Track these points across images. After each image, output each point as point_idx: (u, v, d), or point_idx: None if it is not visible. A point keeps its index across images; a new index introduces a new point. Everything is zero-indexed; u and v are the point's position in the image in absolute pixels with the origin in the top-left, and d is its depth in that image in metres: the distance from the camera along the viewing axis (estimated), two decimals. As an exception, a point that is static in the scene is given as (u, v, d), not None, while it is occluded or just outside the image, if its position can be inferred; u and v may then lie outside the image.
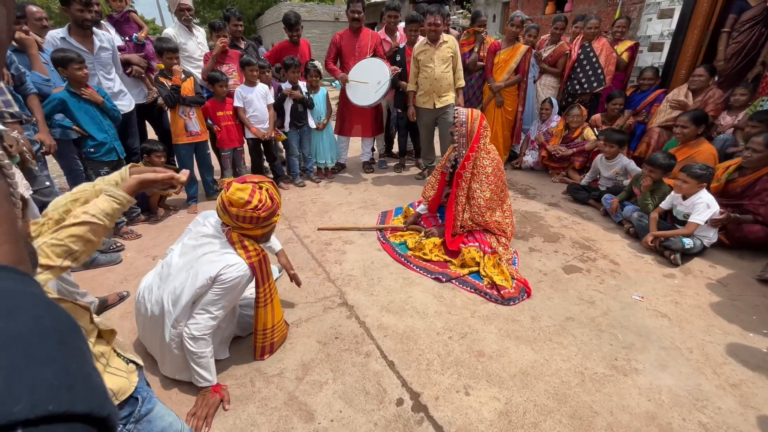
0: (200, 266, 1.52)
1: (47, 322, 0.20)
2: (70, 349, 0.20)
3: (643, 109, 4.06)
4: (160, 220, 3.33)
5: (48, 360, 0.18)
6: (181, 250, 1.66)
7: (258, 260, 1.60)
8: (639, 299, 2.27)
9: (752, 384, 1.70)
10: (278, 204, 1.60)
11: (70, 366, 0.19)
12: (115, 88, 3.17)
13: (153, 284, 1.66)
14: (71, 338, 0.20)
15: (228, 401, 1.59)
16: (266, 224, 1.58)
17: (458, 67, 3.81)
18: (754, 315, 2.14)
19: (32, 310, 0.20)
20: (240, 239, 1.58)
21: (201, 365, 1.53)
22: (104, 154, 2.79)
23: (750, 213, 2.70)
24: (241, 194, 1.49)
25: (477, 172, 2.70)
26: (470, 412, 1.56)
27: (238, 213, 1.50)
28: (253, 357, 1.83)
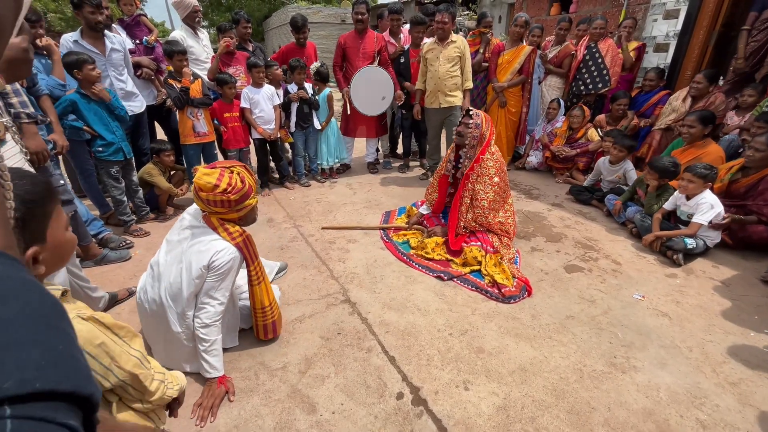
0: (191, 257, 1.57)
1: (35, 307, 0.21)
2: (57, 332, 0.21)
3: (646, 111, 4.05)
4: (168, 219, 3.40)
5: (36, 342, 0.19)
6: (166, 247, 1.70)
7: (242, 240, 1.64)
8: (640, 298, 2.28)
9: (751, 382, 1.70)
10: (251, 186, 1.62)
11: (56, 347, 0.20)
12: (127, 89, 3.26)
13: (146, 284, 1.71)
14: (57, 321, 0.22)
15: (233, 392, 1.63)
16: (240, 207, 1.61)
17: (467, 68, 3.78)
18: (756, 315, 2.14)
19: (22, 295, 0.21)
20: (221, 223, 1.62)
21: (211, 353, 1.58)
22: (112, 153, 2.86)
23: (754, 213, 2.69)
24: (208, 179, 1.51)
25: (481, 173, 2.73)
26: (469, 406, 1.59)
27: (208, 197, 1.53)
28: (258, 344, 1.88)
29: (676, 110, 3.61)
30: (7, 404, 0.17)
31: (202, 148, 3.51)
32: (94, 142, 2.80)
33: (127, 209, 3.06)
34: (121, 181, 2.96)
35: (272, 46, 20.93)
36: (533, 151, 4.64)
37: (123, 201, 3.00)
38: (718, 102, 3.54)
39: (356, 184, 4.26)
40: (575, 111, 4.14)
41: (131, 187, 3.13)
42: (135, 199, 3.20)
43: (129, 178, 3.08)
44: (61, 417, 0.18)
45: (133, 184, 3.13)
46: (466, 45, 3.76)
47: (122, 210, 3.02)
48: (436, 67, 3.74)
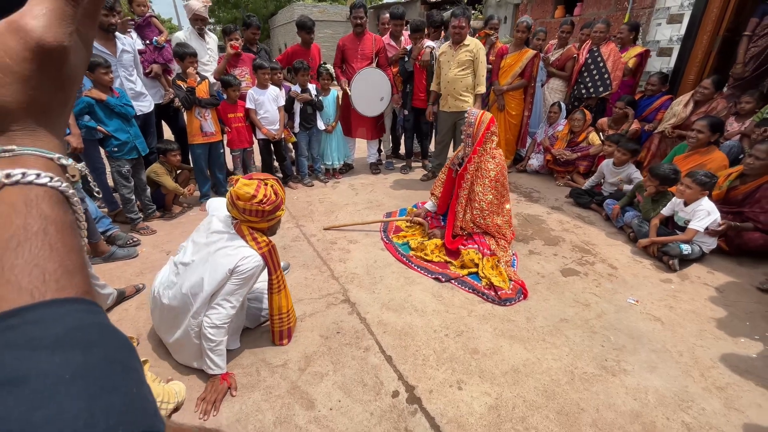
0: (217, 260, 1.63)
1: (113, 352, 0.23)
2: (131, 375, 0.23)
3: (648, 116, 4.07)
4: (174, 217, 3.48)
5: (116, 389, 0.21)
6: (193, 248, 1.78)
7: (268, 250, 1.72)
8: (634, 303, 2.32)
9: (738, 387, 1.75)
10: (282, 199, 1.71)
11: (132, 391, 0.22)
12: (137, 89, 3.34)
13: (168, 280, 1.78)
14: (131, 363, 0.24)
15: (235, 388, 1.70)
16: (271, 218, 1.70)
17: (479, 72, 3.75)
18: (747, 321, 2.18)
19: (102, 341, 0.24)
20: (250, 232, 1.70)
21: (216, 353, 1.65)
22: (126, 152, 2.94)
23: (750, 220, 2.72)
24: (247, 189, 1.59)
25: (480, 174, 2.77)
26: (462, 405, 1.65)
27: (245, 206, 1.61)
28: (260, 341, 1.95)
29: (676, 115, 3.63)
30: None
31: (208, 147, 3.58)
32: (108, 141, 2.87)
33: (134, 207, 3.14)
34: (131, 180, 3.04)
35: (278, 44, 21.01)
36: (535, 154, 4.67)
37: (131, 199, 3.08)
38: (720, 108, 3.56)
39: (359, 185, 4.32)
40: (576, 114, 4.17)
41: (140, 186, 3.20)
42: (143, 197, 3.28)
43: (138, 176, 3.16)
44: None
45: (142, 182, 3.21)
46: (480, 48, 3.71)
47: (130, 208, 3.10)
48: (446, 71, 3.78)
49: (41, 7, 0.26)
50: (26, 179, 0.26)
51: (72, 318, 0.24)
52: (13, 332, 0.21)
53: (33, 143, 0.28)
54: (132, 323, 2.13)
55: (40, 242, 0.25)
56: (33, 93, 0.27)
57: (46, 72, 0.27)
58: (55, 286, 0.24)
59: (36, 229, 0.25)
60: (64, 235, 0.26)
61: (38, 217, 0.26)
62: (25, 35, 0.25)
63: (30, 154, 0.27)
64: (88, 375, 0.21)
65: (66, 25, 0.27)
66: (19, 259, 0.24)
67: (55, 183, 0.27)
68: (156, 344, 1.96)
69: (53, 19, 0.26)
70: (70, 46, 0.28)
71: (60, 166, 0.29)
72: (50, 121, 0.29)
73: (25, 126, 0.27)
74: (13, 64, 0.25)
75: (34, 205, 0.26)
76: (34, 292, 0.23)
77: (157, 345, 1.95)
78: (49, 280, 0.24)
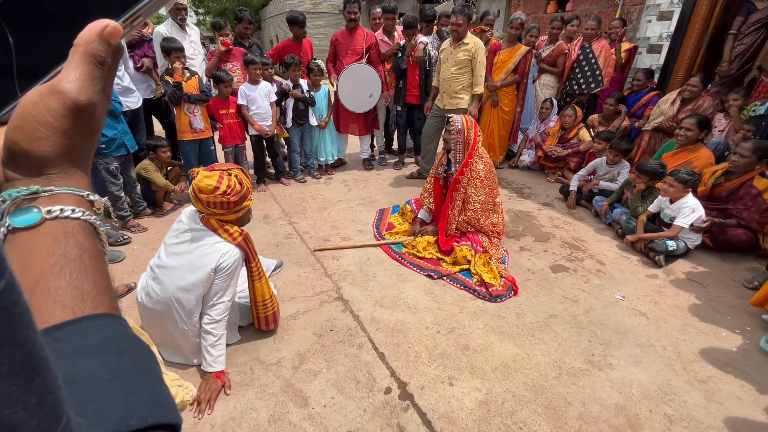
0: (197, 261, 1.64)
1: (140, 358, 0.29)
2: (156, 377, 0.29)
3: (636, 112, 4.13)
4: (165, 214, 3.45)
5: (144, 386, 0.27)
6: (165, 250, 1.76)
7: (242, 239, 1.72)
8: (621, 298, 2.38)
9: (719, 380, 1.81)
10: (248, 188, 1.68)
11: (156, 389, 0.28)
12: (124, 84, 3.28)
13: (149, 287, 1.76)
14: (153, 367, 0.29)
15: (229, 386, 1.72)
16: (238, 209, 1.68)
17: (477, 72, 3.66)
18: (729, 315, 2.25)
19: (131, 349, 0.28)
20: (220, 224, 1.69)
21: (217, 348, 1.67)
22: (114, 149, 2.90)
23: (734, 217, 2.79)
24: (208, 181, 1.56)
25: (472, 176, 2.76)
26: (453, 401, 1.69)
27: (208, 199, 1.58)
28: (253, 341, 1.97)
29: (663, 113, 3.68)
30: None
31: (198, 144, 3.55)
32: (94, 139, 2.82)
33: (124, 205, 3.10)
34: (120, 177, 3.00)
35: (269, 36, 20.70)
36: (526, 150, 4.71)
37: (121, 197, 3.05)
38: (706, 105, 3.61)
39: (351, 181, 4.32)
40: (568, 111, 4.21)
41: (129, 183, 3.17)
42: (133, 194, 3.25)
43: (128, 173, 3.12)
44: None
45: (132, 179, 3.18)
46: (479, 48, 3.63)
47: (119, 206, 3.07)
48: (445, 69, 3.76)
49: (76, 73, 0.31)
50: (64, 214, 0.31)
51: (106, 330, 0.28)
52: (61, 343, 0.26)
53: (67, 183, 0.32)
54: (124, 323, 2.12)
55: (78, 267, 0.29)
56: (68, 142, 0.32)
57: (78, 125, 0.32)
58: (92, 304, 0.29)
59: (74, 256, 0.30)
60: (95, 260, 0.31)
61: (75, 246, 0.30)
62: (63, 96, 0.30)
63: (65, 193, 0.32)
64: (123, 376, 0.26)
65: (95, 85, 0.32)
66: (62, 281, 0.28)
67: (87, 216, 0.32)
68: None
69: (85, 82, 0.31)
70: (97, 102, 0.33)
71: (89, 202, 0.34)
72: (81, 163, 0.34)
73: (60, 169, 0.32)
74: (54, 121, 0.30)
75: (71, 236, 0.30)
76: (75, 310, 0.28)
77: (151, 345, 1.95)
78: (87, 299, 0.29)
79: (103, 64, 0.32)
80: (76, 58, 0.31)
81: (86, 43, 0.31)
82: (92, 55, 0.32)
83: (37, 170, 0.31)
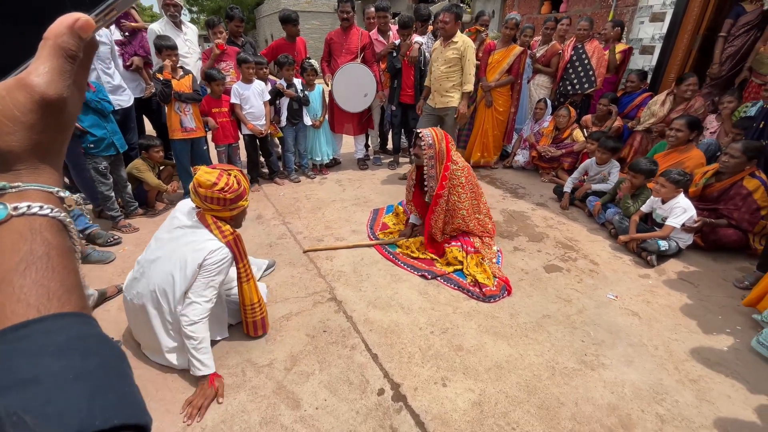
0: (186, 255, 1.63)
1: (108, 358, 0.28)
2: (124, 377, 0.28)
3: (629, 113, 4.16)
4: (157, 214, 3.41)
5: (111, 387, 0.26)
6: (156, 245, 1.77)
7: (233, 238, 1.73)
8: (613, 298, 2.39)
9: (710, 380, 1.82)
10: (245, 189, 1.72)
11: (124, 389, 0.27)
12: (114, 83, 3.24)
13: (134, 280, 1.76)
14: (122, 367, 0.28)
15: (221, 394, 1.67)
16: (233, 207, 1.71)
17: (466, 70, 3.68)
18: (719, 315, 2.27)
19: (98, 349, 0.27)
20: (213, 220, 1.71)
21: (201, 351, 1.63)
22: (103, 149, 2.86)
23: (724, 217, 2.81)
24: (208, 176, 1.61)
25: (453, 185, 2.67)
26: (446, 402, 1.68)
27: (206, 194, 1.62)
28: (245, 341, 1.95)
29: (654, 114, 3.71)
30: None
31: (190, 143, 3.51)
32: (84, 138, 2.79)
33: (114, 205, 3.06)
34: (109, 177, 2.96)
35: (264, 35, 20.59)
36: (521, 150, 4.72)
37: (110, 197, 3.01)
38: (698, 105, 3.64)
39: (346, 181, 4.31)
40: (562, 111, 4.23)
41: (120, 183, 3.13)
42: (124, 194, 3.21)
43: (118, 173, 3.08)
44: None
45: (122, 179, 3.13)
46: (469, 46, 3.64)
47: (110, 205, 3.03)
48: (435, 68, 3.77)
49: (45, 67, 0.30)
50: (31, 211, 0.30)
51: (72, 329, 0.27)
52: (24, 341, 0.25)
53: (35, 179, 0.32)
54: (114, 324, 2.09)
55: (44, 265, 0.29)
56: (36, 137, 0.31)
57: (47, 119, 0.31)
58: (58, 302, 0.28)
59: (40, 254, 0.29)
60: (63, 258, 0.30)
61: (42, 243, 0.30)
62: (31, 90, 0.30)
63: (33, 189, 0.31)
64: (88, 376, 0.25)
65: (65, 79, 0.31)
66: (27, 279, 0.28)
67: (56, 213, 0.31)
68: (138, 345, 1.93)
69: (54, 76, 0.31)
70: (68, 97, 0.32)
71: (59, 198, 0.33)
72: (50, 159, 0.33)
73: (29, 165, 0.31)
74: (21, 115, 0.30)
75: (38, 233, 0.30)
76: (40, 308, 0.27)
77: (136, 348, 1.92)
78: (53, 297, 0.28)
79: (73, 58, 0.32)
80: (45, 51, 0.31)
81: (56, 36, 0.31)
82: (62, 49, 0.31)
83: (3, 166, 0.30)
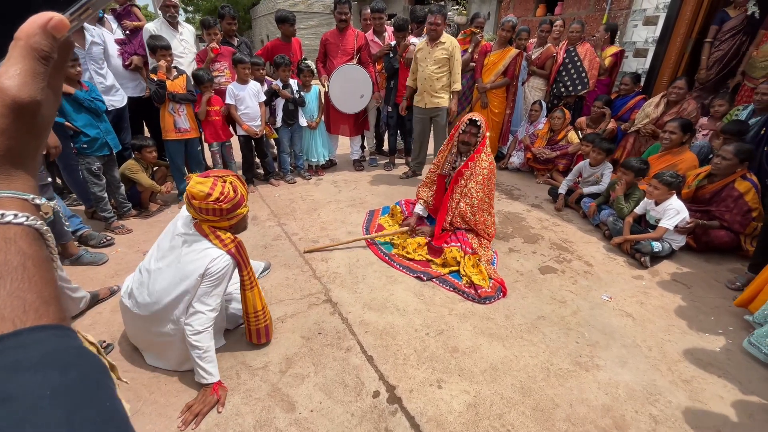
0: (186, 267, 1.59)
1: (88, 371, 0.27)
2: (105, 391, 0.27)
3: (623, 115, 4.19)
4: (151, 215, 3.39)
5: (92, 402, 0.25)
6: (158, 253, 1.72)
7: (234, 246, 1.66)
8: (607, 299, 2.40)
9: (702, 380, 1.84)
10: (243, 196, 1.64)
11: (105, 405, 0.26)
12: (107, 83, 3.21)
13: (134, 289, 1.71)
14: (103, 381, 0.27)
15: (222, 404, 1.64)
16: (231, 216, 1.63)
17: (455, 69, 3.79)
18: (712, 316, 2.29)
19: (78, 362, 0.26)
20: (212, 230, 1.64)
21: (205, 360, 1.60)
22: (96, 149, 2.83)
23: (716, 219, 2.84)
24: (201, 187, 1.53)
25: (475, 172, 2.79)
26: (441, 404, 1.68)
27: (201, 206, 1.55)
28: (239, 344, 1.93)
29: (648, 116, 3.74)
30: None
31: (184, 144, 3.49)
32: (77, 138, 2.76)
33: (107, 206, 3.03)
34: (102, 177, 2.93)
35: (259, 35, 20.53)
36: (516, 152, 4.74)
37: (103, 197, 2.98)
38: (691, 108, 3.68)
39: (341, 182, 4.30)
40: (557, 113, 4.25)
41: (113, 183, 3.10)
42: (117, 195, 3.18)
43: (111, 173, 3.05)
44: None
45: (115, 180, 3.11)
46: (456, 46, 3.76)
47: (102, 206, 3.00)
48: (424, 68, 3.78)
49: (16, 68, 0.29)
50: (5, 220, 0.29)
51: (50, 342, 0.26)
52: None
53: (9, 186, 0.30)
54: (106, 327, 2.07)
55: (19, 276, 0.28)
56: (8, 143, 0.30)
57: (20, 123, 0.30)
58: (34, 315, 0.27)
59: (16, 264, 0.28)
60: (40, 268, 0.29)
61: (17, 253, 0.28)
62: (2, 94, 0.28)
63: (7, 197, 0.30)
64: (67, 392, 0.24)
65: (38, 82, 0.30)
66: (2, 291, 0.26)
67: (31, 221, 0.30)
68: (132, 348, 1.92)
69: (27, 78, 0.29)
70: (42, 100, 0.31)
71: (34, 206, 0.32)
72: (25, 165, 0.32)
73: (1, 171, 0.30)
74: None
75: (12, 242, 0.28)
76: (15, 321, 0.26)
77: (134, 349, 1.91)
78: (29, 309, 0.27)
79: (47, 59, 0.30)
80: (16, 53, 0.29)
81: (28, 36, 0.29)
82: (34, 50, 0.29)
83: None
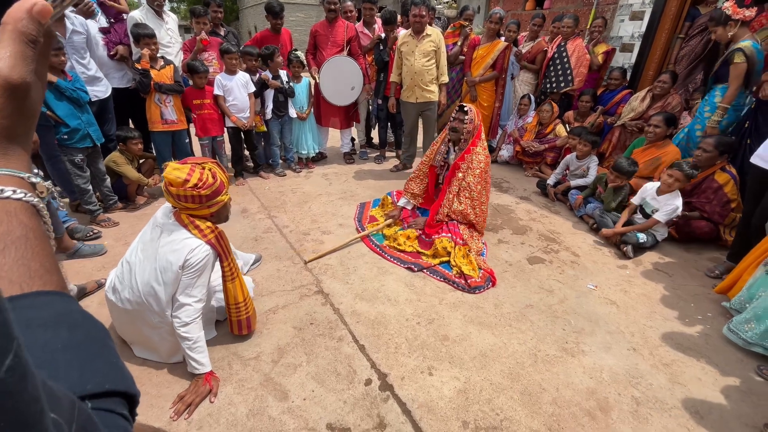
0: (165, 257, 1.56)
1: (93, 331, 0.29)
2: (108, 349, 0.29)
3: (610, 109, 4.26)
4: (138, 208, 3.33)
5: (99, 356, 0.28)
6: (140, 246, 1.69)
7: (214, 236, 1.63)
8: (593, 288, 2.47)
9: (682, 363, 1.91)
10: (223, 182, 1.60)
11: (111, 360, 0.28)
12: (89, 73, 3.12)
13: (117, 282, 1.69)
14: (107, 341, 0.30)
15: (215, 394, 1.64)
16: (211, 203, 1.59)
17: (442, 62, 3.80)
18: (692, 303, 2.37)
19: (83, 323, 0.29)
20: (190, 220, 1.60)
21: (196, 350, 1.60)
22: (78, 140, 2.76)
23: (697, 210, 2.93)
24: (177, 173, 1.49)
25: (472, 165, 2.79)
26: (432, 390, 1.71)
27: (179, 192, 1.51)
28: (231, 335, 1.93)
29: (634, 110, 3.82)
30: (88, 399, 0.25)
31: (171, 136, 3.43)
32: (58, 129, 2.69)
33: (92, 198, 2.97)
34: (86, 169, 2.87)
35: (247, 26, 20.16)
36: (505, 145, 4.79)
37: (88, 190, 2.91)
38: (675, 103, 3.77)
39: (332, 174, 4.29)
40: (545, 106, 4.30)
41: (98, 176, 3.03)
42: (102, 187, 3.11)
43: (96, 166, 2.99)
44: (119, 409, 0.27)
45: (100, 172, 3.04)
46: (441, 39, 3.76)
47: (87, 199, 2.94)
48: (412, 62, 3.75)
49: (6, 51, 0.31)
50: (4, 195, 0.30)
51: (57, 305, 0.28)
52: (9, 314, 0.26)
53: (6, 164, 0.32)
54: (94, 320, 2.04)
55: (23, 245, 0.29)
56: (3, 122, 0.31)
57: (12, 104, 0.31)
58: (40, 281, 0.29)
59: (18, 234, 0.29)
60: (41, 241, 0.31)
61: (19, 225, 0.30)
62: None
63: (4, 174, 0.31)
64: (77, 347, 0.26)
65: (27, 64, 0.32)
66: (8, 258, 0.28)
67: (29, 198, 0.32)
68: (121, 342, 1.90)
69: (17, 61, 0.31)
70: (31, 82, 0.32)
71: (30, 184, 0.33)
72: (20, 141, 0.33)
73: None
74: None
75: (14, 215, 0.30)
76: (23, 285, 0.28)
77: (122, 342, 1.89)
78: (34, 276, 0.29)
79: (34, 43, 0.32)
80: (5, 36, 0.31)
81: (15, 21, 0.31)
82: (22, 33, 0.31)
83: None
